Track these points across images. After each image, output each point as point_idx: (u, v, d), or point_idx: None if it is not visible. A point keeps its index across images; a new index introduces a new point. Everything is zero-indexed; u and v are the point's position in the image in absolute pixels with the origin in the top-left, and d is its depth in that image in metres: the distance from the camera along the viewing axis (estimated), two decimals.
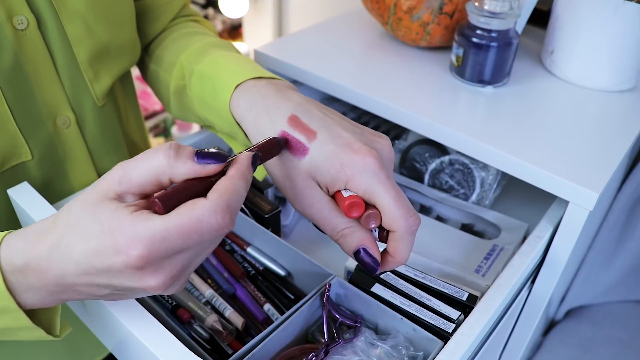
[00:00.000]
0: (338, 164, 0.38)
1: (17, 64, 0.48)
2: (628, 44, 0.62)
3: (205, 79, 0.50)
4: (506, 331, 0.64)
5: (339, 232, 0.39)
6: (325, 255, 0.60)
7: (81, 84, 0.54)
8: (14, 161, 0.52)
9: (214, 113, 0.50)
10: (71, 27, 0.50)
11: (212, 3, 1.79)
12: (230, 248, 0.59)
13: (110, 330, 0.48)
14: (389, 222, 0.38)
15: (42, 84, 0.51)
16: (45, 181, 0.55)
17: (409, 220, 0.37)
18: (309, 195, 0.40)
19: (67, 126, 0.54)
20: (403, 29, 0.71)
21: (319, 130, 0.40)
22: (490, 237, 0.62)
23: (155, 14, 0.61)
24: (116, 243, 0.31)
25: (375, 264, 0.39)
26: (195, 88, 0.52)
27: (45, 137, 0.53)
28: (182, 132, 1.81)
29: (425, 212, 0.66)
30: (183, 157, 0.33)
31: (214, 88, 0.48)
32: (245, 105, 0.44)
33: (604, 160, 0.55)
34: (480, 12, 0.62)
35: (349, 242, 0.39)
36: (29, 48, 0.49)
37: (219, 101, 0.47)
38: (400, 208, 0.37)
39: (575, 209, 0.52)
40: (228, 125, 0.48)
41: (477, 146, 0.57)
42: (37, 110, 0.52)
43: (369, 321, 0.50)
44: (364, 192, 0.38)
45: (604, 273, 0.90)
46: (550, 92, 0.66)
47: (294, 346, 0.48)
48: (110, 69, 0.56)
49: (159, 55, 0.60)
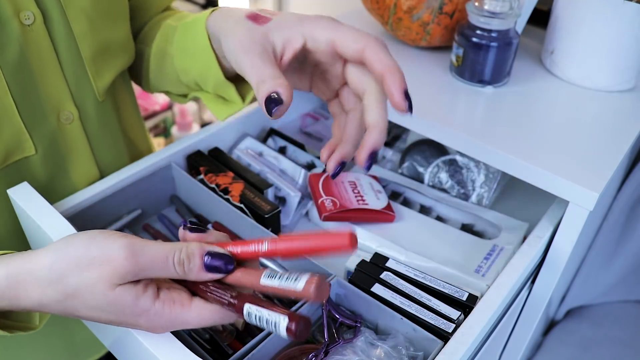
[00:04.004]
0: (297, 21, 0.43)
1: (22, 58, 0.49)
2: (628, 44, 0.62)
3: (188, 26, 0.53)
4: (506, 331, 0.64)
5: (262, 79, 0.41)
6: None
7: (84, 80, 0.55)
8: (17, 155, 0.52)
9: (192, 56, 0.52)
10: (77, 23, 0.51)
11: (212, 3, 1.79)
12: None
13: (108, 329, 0.48)
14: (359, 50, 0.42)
15: (47, 78, 0.52)
16: (48, 177, 0.56)
17: (371, 37, 0.42)
18: (253, 43, 0.43)
19: (70, 122, 0.55)
20: (403, 29, 0.71)
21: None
22: (490, 237, 0.62)
23: (142, 12, 0.62)
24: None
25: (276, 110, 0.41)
26: (177, 40, 0.55)
27: (48, 132, 0.54)
28: (182, 132, 1.81)
29: (425, 212, 0.66)
30: (194, 271, 0.37)
31: (194, 27, 0.51)
32: (220, 17, 0.48)
33: (604, 160, 0.55)
34: (480, 12, 0.62)
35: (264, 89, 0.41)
36: (34, 43, 0.49)
37: (198, 34, 0.50)
38: (361, 34, 0.42)
39: (576, 209, 0.52)
40: (205, 64, 0.51)
41: (477, 146, 0.57)
42: (41, 104, 0.52)
43: (369, 321, 0.50)
44: (326, 38, 0.43)
45: (604, 273, 0.90)
46: (550, 92, 0.66)
47: (294, 346, 0.48)
48: (111, 65, 0.57)
49: (144, 33, 0.62)
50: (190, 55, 0.53)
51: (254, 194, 0.59)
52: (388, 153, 0.75)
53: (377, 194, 0.63)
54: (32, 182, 0.53)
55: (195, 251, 0.37)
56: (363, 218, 0.61)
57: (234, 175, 0.62)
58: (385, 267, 0.52)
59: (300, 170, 0.65)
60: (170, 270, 0.36)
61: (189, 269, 0.37)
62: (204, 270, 0.37)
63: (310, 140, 0.78)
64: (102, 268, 0.35)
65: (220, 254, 0.38)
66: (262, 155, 0.68)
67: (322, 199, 0.60)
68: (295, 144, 0.71)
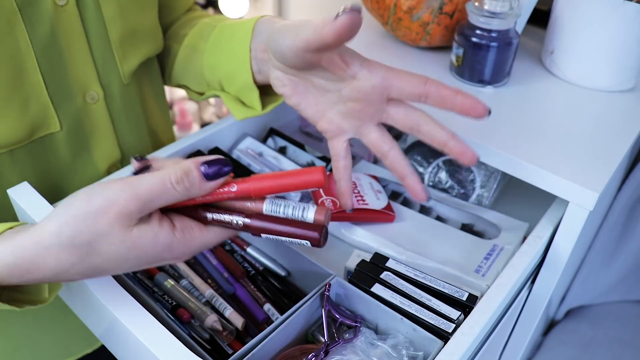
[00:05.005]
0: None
1: (53, 37, 0.51)
2: (628, 43, 0.62)
3: (232, 27, 0.57)
4: (506, 331, 0.64)
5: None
6: (325, 255, 0.60)
7: (110, 62, 0.57)
8: (43, 131, 0.54)
9: (226, 55, 0.56)
10: (107, 7, 0.53)
11: (212, 3, 1.79)
12: (230, 248, 0.59)
13: (110, 329, 0.48)
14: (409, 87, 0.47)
15: (75, 58, 0.54)
16: (71, 154, 0.57)
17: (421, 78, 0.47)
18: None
19: (95, 101, 0.57)
20: (403, 29, 0.71)
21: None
22: (490, 237, 0.62)
23: (169, 10, 0.66)
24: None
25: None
26: (214, 38, 0.58)
27: (74, 110, 0.55)
28: (181, 132, 1.81)
29: (425, 211, 0.66)
30: (196, 185, 0.37)
31: (239, 28, 0.55)
32: (267, 25, 0.53)
33: (604, 160, 0.55)
34: (480, 12, 0.62)
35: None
36: (66, 23, 0.51)
37: (240, 34, 0.54)
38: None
39: (576, 209, 0.52)
40: (237, 65, 0.54)
41: (477, 146, 0.57)
42: (68, 83, 0.54)
43: (369, 321, 0.50)
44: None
45: (604, 273, 0.90)
46: (550, 92, 0.66)
47: (294, 346, 0.48)
48: (137, 50, 0.59)
49: (173, 32, 0.66)
50: (223, 54, 0.56)
51: None
52: None
53: (377, 194, 0.63)
54: (55, 159, 0.56)
55: (190, 165, 0.37)
56: (363, 218, 0.61)
57: (234, 176, 0.61)
58: (385, 267, 0.52)
59: None
60: (173, 192, 0.37)
61: (190, 184, 0.37)
62: (204, 180, 0.37)
63: (310, 140, 0.78)
64: (109, 215, 0.35)
65: (215, 159, 0.38)
66: (262, 155, 0.68)
67: (322, 199, 0.60)
68: (295, 144, 0.71)
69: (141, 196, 0.35)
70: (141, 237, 0.36)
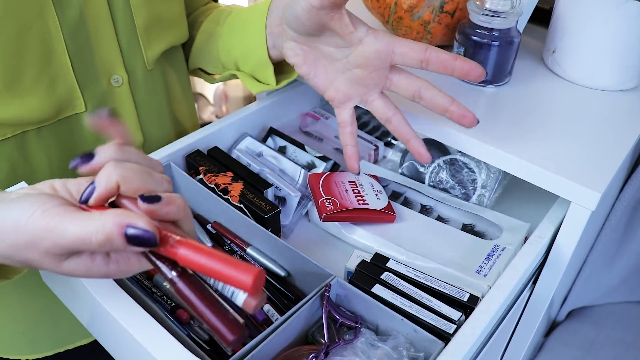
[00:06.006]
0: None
1: (81, 20, 0.53)
2: (630, 43, 0.62)
3: (242, 11, 0.61)
4: (507, 332, 0.63)
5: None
6: (325, 256, 0.60)
7: (135, 47, 0.60)
8: (69, 112, 0.56)
9: (241, 35, 0.60)
10: None
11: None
12: (229, 248, 0.59)
13: (108, 330, 0.48)
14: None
15: (101, 42, 0.56)
16: (95, 136, 0.59)
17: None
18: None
19: (119, 85, 0.59)
20: (404, 28, 0.71)
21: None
22: (492, 238, 0.61)
23: (190, 1, 0.69)
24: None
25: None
26: (229, 21, 0.63)
27: (99, 93, 0.58)
28: None
29: (426, 212, 0.66)
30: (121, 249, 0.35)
31: (254, 8, 0.59)
32: (281, 1, 0.56)
33: (606, 160, 0.54)
34: (481, 11, 0.62)
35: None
36: (93, 8, 0.54)
37: (256, 13, 0.58)
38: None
39: (577, 209, 0.52)
40: (253, 42, 0.58)
41: (478, 146, 0.56)
42: (94, 66, 0.57)
43: (369, 322, 0.49)
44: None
45: (607, 273, 0.90)
46: (552, 91, 0.66)
47: (294, 347, 0.48)
48: (162, 38, 0.62)
49: (191, 20, 0.69)
50: (239, 34, 0.60)
51: (254, 194, 0.59)
52: (388, 153, 0.75)
53: (377, 194, 0.62)
54: (80, 140, 0.59)
55: (112, 231, 0.33)
56: (363, 218, 0.60)
57: (234, 175, 0.61)
58: (385, 268, 0.51)
59: (300, 170, 0.65)
60: (98, 250, 0.35)
61: (113, 248, 0.34)
62: (128, 245, 0.34)
63: (310, 140, 0.77)
64: (39, 249, 0.34)
65: (142, 228, 0.34)
66: (261, 155, 0.68)
67: (322, 199, 0.60)
68: (295, 144, 0.71)
69: (64, 246, 0.34)
70: (74, 270, 0.36)
